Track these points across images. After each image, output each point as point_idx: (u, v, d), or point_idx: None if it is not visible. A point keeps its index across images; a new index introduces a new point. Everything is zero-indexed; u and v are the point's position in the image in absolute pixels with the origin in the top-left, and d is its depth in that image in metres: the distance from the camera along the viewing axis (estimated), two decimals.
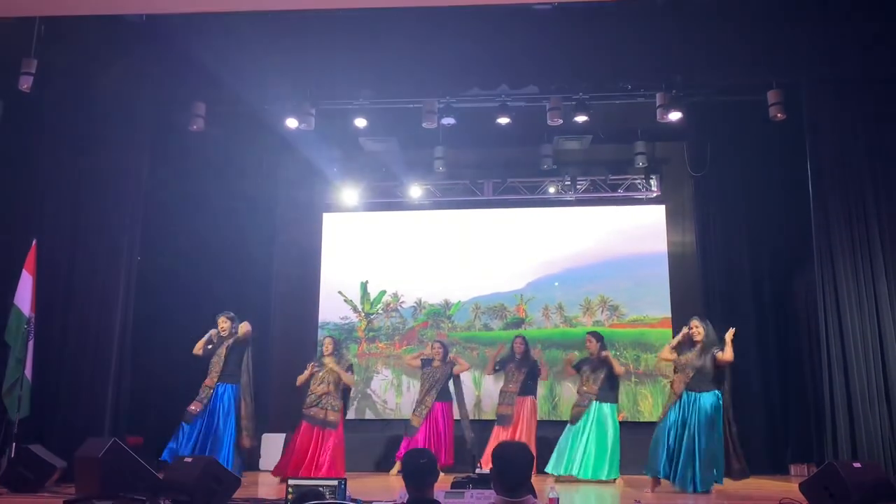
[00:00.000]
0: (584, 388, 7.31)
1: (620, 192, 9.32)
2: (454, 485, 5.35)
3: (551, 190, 9.39)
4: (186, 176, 8.58)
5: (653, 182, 9.25)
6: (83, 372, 6.75)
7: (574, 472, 7.05)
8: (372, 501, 4.39)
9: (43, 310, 6.76)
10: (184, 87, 7.28)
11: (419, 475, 3.30)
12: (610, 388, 7.27)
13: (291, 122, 7.59)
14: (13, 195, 7.25)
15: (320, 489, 3.90)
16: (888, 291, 6.46)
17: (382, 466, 8.18)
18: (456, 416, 7.87)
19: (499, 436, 7.53)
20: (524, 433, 7.57)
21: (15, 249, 6.88)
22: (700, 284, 8.70)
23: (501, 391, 7.90)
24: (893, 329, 6.37)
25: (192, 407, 6.69)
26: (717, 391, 6.22)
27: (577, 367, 7.59)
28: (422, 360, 8.03)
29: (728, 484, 6.81)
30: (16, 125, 7.26)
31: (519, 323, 9.13)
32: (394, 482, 7.10)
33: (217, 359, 6.88)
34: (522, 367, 7.81)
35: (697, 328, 6.36)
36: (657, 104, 7.22)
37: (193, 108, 7.48)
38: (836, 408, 6.33)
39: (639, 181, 9.28)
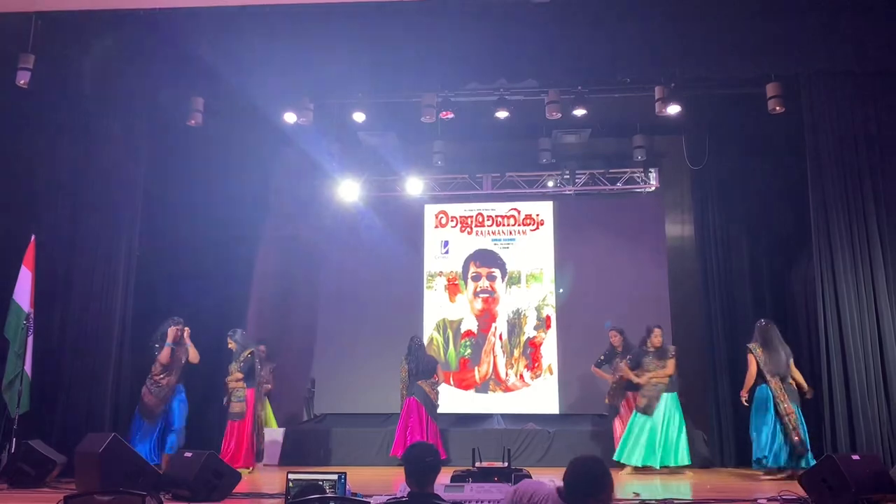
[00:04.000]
0: (655, 379, 7.24)
1: (619, 186, 9.32)
2: (454, 478, 5.36)
3: (550, 184, 9.39)
4: (185, 170, 8.56)
5: (651, 175, 9.25)
6: (83, 367, 6.76)
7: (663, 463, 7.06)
8: (372, 495, 4.38)
9: (42, 305, 6.76)
10: (182, 81, 7.25)
11: (423, 472, 3.30)
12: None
13: (290, 117, 7.58)
14: (11, 191, 7.24)
15: (320, 483, 3.90)
16: (887, 284, 6.46)
17: (381, 460, 8.19)
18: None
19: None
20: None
21: (14, 245, 6.88)
22: (699, 278, 8.70)
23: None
24: (892, 322, 6.37)
25: None
26: None
27: (637, 363, 7.40)
28: None
29: (728, 476, 6.86)
30: (13, 120, 7.24)
31: None
32: (393, 476, 7.11)
33: None
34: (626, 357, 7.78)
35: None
36: (656, 97, 7.20)
37: (192, 103, 7.46)
38: (835, 400, 6.34)
39: (637, 175, 9.28)
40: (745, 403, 6.90)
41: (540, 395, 9.00)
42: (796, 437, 6.55)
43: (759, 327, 7.02)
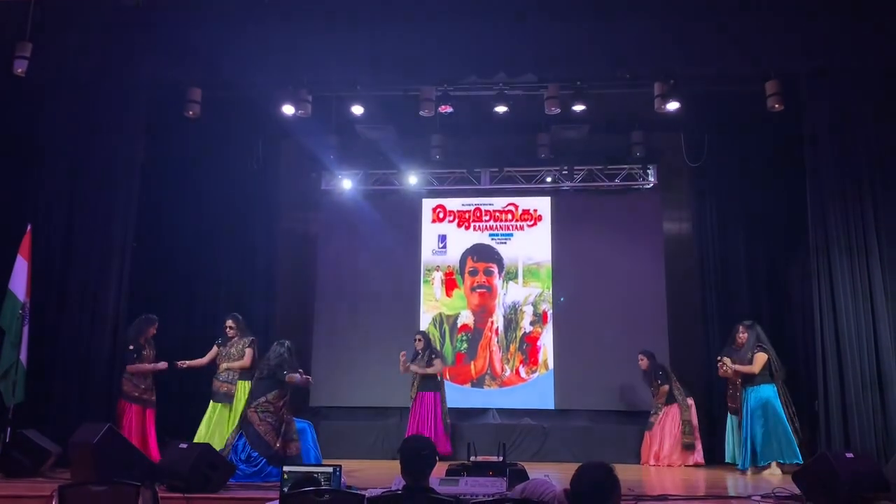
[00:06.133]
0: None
1: (617, 182, 9.31)
2: (448, 472, 5.37)
3: (548, 179, 9.38)
4: (182, 162, 8.56)
5: (650, 172, 9.25)
6: (78, 357, 6.73)
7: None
8: (367, 488, 4.38)
9: (38, 295, 6.73)
10: (180, 72, 7.23)
11: (418, 464, 3.29)
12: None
13: (288, 109, 7.54)
14: (8, 180, 7.21)
15: (315, 475, 3.90)
16: (883, 282, 6.47)
17: (375, 454, 8.20)
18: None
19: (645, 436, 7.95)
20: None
21: (10, 234, 6.86)
22: (696, 274, 8.72)
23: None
24: (888, 319, 6.38)
25: None
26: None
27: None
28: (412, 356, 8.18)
29: (720, 473, 6.88)
30: (10, 109, 7.21)
31: None
32: (388, 470, 7.11)
33: None
34: (653, 381, 7.95)
35: (742, 334, 7.13)
36: (655, 94, 7.19)
37: (189, 94, 7.42)
38: (830, 398, 6.35)
39: (636, 171, 9.27)
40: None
41: (535, 391, 9.00)
42: (799, 436, 6.76)
43: (759, 328, 7.08)
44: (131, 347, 6.94)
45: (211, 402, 7.08)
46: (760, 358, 6.86)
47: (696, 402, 7.93)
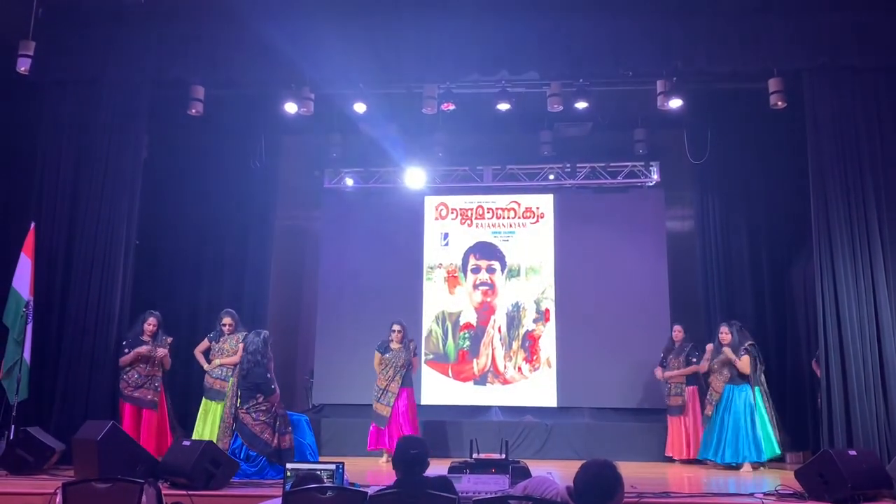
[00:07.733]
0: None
1: (620, 180, 9.30)
2: (451, 469, 5.38)
3: (551, 177, 9.37)
4: (185, 159, 8.58)
5: (653, 169, 9.24)
6: (82, 355, 6.75)
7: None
8: (369, 485, 4.40)
9: (41, 293, 6.75)
10: (183, 70, 7.24)
11: (409, 464, 3.33)
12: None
13: (290, 107, 7.55)
14: (11, 178, 7.23)
15: (318, 473, 3.91)
16: (886, 279, 6.46)
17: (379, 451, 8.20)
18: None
19: (673, 426, 7.75)
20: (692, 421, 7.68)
21: (13, 233, 6.88)
22: (699, 272, 8.71)
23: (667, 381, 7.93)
24: (891, 317, 6.37)
25: None
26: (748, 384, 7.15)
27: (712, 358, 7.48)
28: (379, 345, 7.84)
29: (720, 470, 6.88)
30: (13, 107, 7.23)
31: None
32: (390, 467, 7.12)
33: None
34: (679, 355, 7.83)
35: (725, 333, 7.20)
36: (658, 91, 7.18)
37: (192, 92, 7.43)
38: (833, 395, 6.34)
39: (638, 168, 9.27)
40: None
41: (538, 388, 9.01)
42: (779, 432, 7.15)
43: (741, 327, 7.24)
44: (124, 343, 6.91)
45: (203, 399, 7.02)
46: (746, 360, 7.07)
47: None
